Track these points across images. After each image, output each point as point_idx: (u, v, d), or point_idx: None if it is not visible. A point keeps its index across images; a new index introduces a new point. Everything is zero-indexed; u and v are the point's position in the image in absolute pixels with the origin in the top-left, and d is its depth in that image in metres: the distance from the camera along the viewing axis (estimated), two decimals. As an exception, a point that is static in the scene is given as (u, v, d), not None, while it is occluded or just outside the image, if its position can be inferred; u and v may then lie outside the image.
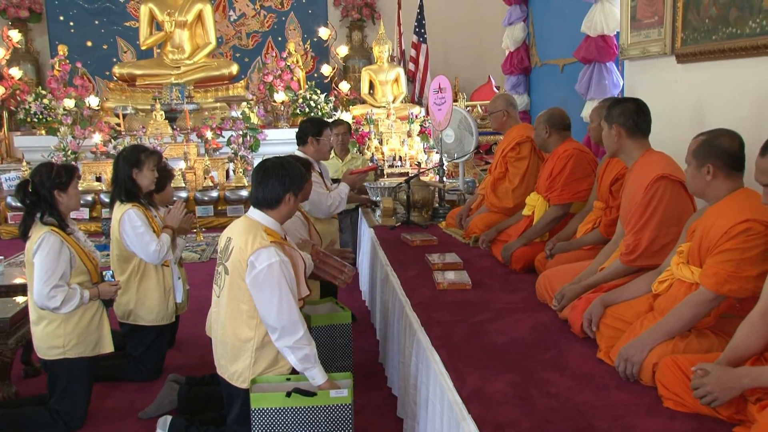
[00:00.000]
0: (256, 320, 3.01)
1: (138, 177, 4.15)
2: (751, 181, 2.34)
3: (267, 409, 2.90)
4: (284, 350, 2.96)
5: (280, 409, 2.89)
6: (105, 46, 11.79)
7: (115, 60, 11.59)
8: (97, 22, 11.74)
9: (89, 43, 11.70)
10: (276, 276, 2.93)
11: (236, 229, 3.11)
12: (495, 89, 10.13)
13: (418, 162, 8.39)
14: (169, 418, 3.43)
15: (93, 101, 9.91)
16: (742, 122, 3.19)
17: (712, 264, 2.51)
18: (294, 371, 3.06)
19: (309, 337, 2.99)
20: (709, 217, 2.62)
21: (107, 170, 8.98)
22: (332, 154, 5.93)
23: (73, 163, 3.27)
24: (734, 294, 2.49)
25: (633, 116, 3.22)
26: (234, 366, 3.08)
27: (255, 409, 2.90)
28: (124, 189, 4.14)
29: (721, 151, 2.61)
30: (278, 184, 3.09)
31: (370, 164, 7.42)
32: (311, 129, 4.93)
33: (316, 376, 2.95)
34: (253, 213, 3.14)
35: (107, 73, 11.33)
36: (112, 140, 9.30)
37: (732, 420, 2.22)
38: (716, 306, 2.55)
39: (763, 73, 3.27)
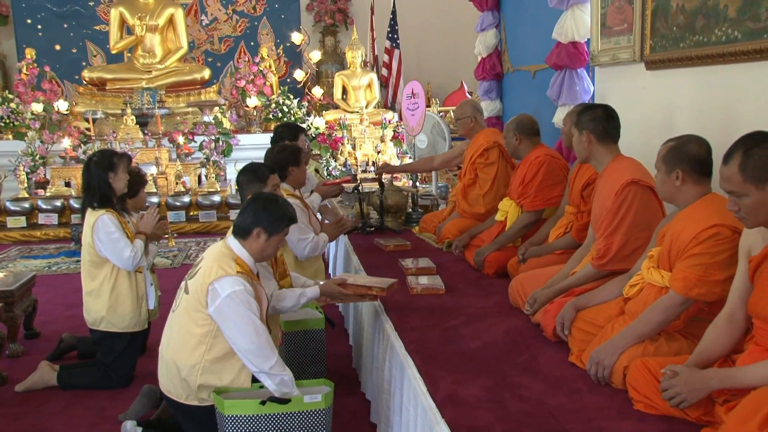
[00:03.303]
0: (206, 346, 2.94)
1: (113, 180, 4.11)
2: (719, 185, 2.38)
3: (240, 416, 2.86)
4: (261, 376, 2.90)
5: (253, 416, 2.86)
6: (74, 50, 11.66)
7: (84, 64, 11.46)
8: (65, 26, 11.60)
9: (58, 47, 11.56)
10: (240, 302, 2.85)
11: (211, 252, 3.05)
12: (467, 95, 10.19)
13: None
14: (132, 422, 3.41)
15: (62, 105, 9.78)
16: (709, 128, 3.24)
17: (682, 268, 2.55)
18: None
19: (283, 363, 2.93)
20: (679, 222, 2.66)
21: (77, 175, 8.85)
22: None
23: None
24: (703, 298, 2.53)
25: (602, 122, 3.26)
26: (178, 387, 3.01)
27: (228, 416, 2.86)
28: (99, 194, 4.09)
29: (690, 156, 2.65)
30: (253, 215, 3.00)
31: (345, 175, 7.40)
32: (287, 134, 4.91)
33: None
34: (230, 240, 3.06)
35: (76, 77, 11.19)
36: (82, 145, 9.19)
37: (700, 421, 2.25)
38: (685, 309, 2.59)
39: (729, 80, 3.33)
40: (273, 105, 10.25)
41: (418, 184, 6.13)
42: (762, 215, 2.16)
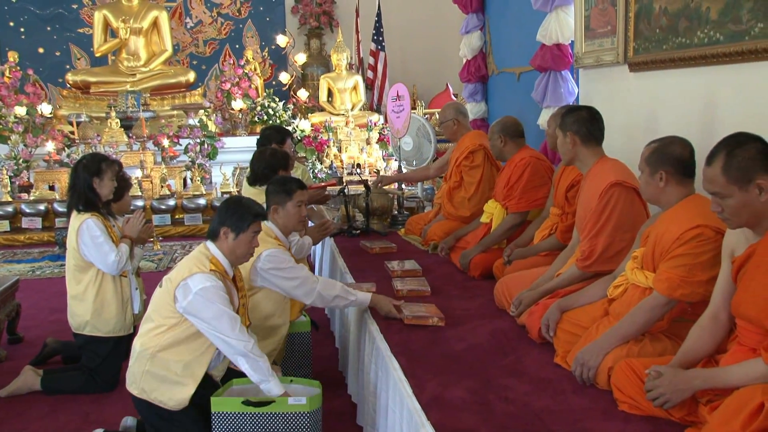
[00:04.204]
0: (161, 333, 3.02)
1: (98, 186, 4.08)
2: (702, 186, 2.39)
3: (226, 413, 2.90)
4: (239, 360, 2.96)
5: (239, 414, 2.90)
6: (58, 53, 11.56)
7: (68, 67, 11.36)
8: (49, 29, 11.51)
9: (41, 50, 11.46)
10: (212, 297, 2.93)
11: (191, 252, 3.14)
12: (453, 97, 10.20)
13: (377, 169, 8.41)
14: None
15: (45, 109, 9.70)
16: (692, 129, 3.26)
17: (665, 269, 2.57)
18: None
19: (260, 351, 2.99)
20: (662, 223, 2.67)
21: (61, 179, 8.81)
22: None
23: None
24: (686, 298, 2.54)
25: (587, 124, 3.27)
26: (130, 375, 3.10)
27: (215, 413, 2.91)
28: (83, 198, 4.07)
29: (673, 158, 2.67)
30: (218, 217, 3.11)
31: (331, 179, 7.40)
32: (275, 136, 4.90)
33: (273, 389, 2.93)
34: (209, 242, 3.14)
35: (60, 80, 11.10)
36: (66, 148, 9.13)
37: (684, 421, 2.26)
38: (669, 310, 2.60)
39: (711, 82, 3.35)
40: (258, 108, 10.23)
41: (403, 186, 6.13)
42: (745, 216, 2.18)
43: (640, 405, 2.36)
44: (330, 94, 11.04)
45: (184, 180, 9.34)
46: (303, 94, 10.85)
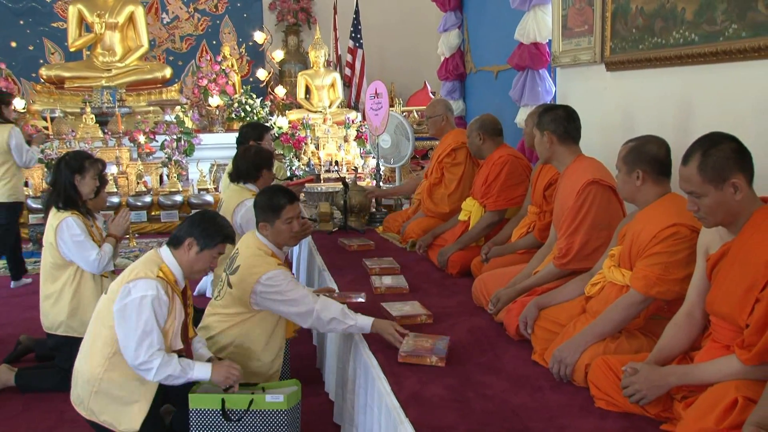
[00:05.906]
0: (111, 348, 2.89)
1: (80, 184, 4.04)
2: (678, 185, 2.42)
3: (204, 410, 2.90)
4: (135, 370, 2.88)
5: (217, 411, 2.89)
6: (31, 47, 11.39)
7: (42, 61, 11.20)
8: (22, 22, 11.33)
9: (14, 44, 11.28)
10: (145, 310, 2.81)
11: (140, 258, 3.03)
12: (431, 95, 10.21)
13: (355, 167, 8.40)
14: None
15: (18, 104, 9.56)
16: (667, 128, 3.29)
17: (642, 267, 2.59)
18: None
19: (165, 367, 2.83)
20: (639, 222, 2.70)
21: (34, 175, 8.69)
22: None
23: None
24: (662, 296, 2.57)
25: (563, 123, 3.29)
26: (78, 394, 2.97)
27: (193, 410, 2.90)
28: (64, 195, 4.02)
29: (650, 157, 2.69)
30: (188, 226, 3.02)
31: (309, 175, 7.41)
32: (252, 133, 4.88)
33: (199, 377, 2.91)
34: (162, 248, 3.04)
35: (33, 75, 10.95)
36: (40, 144, 9.00)
37: (659, 417, 2.29)
38: (645, 308, 2.63)
39: (687, 82, 3.39)
40: (235, 104, 10.16)
41: (381, 183, 6.13)
42: (720, 215, 2.21)
43: (616, 401, 2.38)
44: (308, 91, 11.01)
45: (161, 176, 9.26)
46: (280, 91, 10.80)
